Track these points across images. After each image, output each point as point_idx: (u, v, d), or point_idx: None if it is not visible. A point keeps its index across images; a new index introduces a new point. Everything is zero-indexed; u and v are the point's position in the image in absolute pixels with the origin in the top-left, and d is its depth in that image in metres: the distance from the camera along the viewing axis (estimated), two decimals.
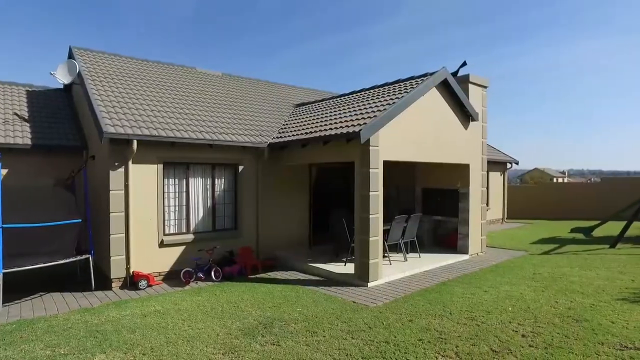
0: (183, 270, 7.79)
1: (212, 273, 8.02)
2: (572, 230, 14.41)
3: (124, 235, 7.49)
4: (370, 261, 7.34)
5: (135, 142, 7.37)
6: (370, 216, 7.35)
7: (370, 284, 7.35)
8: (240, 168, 9.21)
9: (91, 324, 5.49)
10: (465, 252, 9.94)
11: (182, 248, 8.32)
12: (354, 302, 6.41)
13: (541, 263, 9.15)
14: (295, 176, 10.22)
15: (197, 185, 8.73)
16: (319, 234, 10.71)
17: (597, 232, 13.72)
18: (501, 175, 18.36)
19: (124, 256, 7.50)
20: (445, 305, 6.09)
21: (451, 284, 7.42)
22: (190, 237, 8.46)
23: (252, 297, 6.76)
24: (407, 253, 9.46)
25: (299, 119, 10.68)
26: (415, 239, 9.61)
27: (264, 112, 11.34)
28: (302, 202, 10.41)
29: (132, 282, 7.51)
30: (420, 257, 9.44)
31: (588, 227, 14.12)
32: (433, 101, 8.80)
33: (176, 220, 8.44)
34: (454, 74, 9.45)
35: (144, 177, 7.80)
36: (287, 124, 10.58)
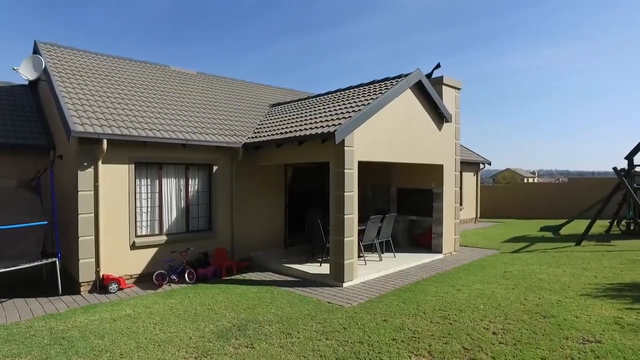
0: (156, 273, 7.62)
1: (186, 275, 7.87)
2: (541, 229, 14.90)
3: (93, 237, 7.26)
4: (345, 261, 7.37)
5: (105, 142, 7.15)
6: (345, 216, 7.37)
7: (345, 284, 7.37)
8: (215, 168, 9.08)
9: (56, 331, 5.28)
10: (439, 251, 10.11)
11: (154, 250, 8.13)
12: (329, 302, 6.41)
13: (512, 261, 9.40)
14: (271, 176, 10.16)
15: (170, 186, 8.56)
16: (294, 235, 10.68)
17: (564, 231, 14.24)
18: (474, 175, 18.80)
19: (94, 259, 7.27)
20: (419, 305, 6.17)
21: (425, 283, 7.53)
22: (163, 238, 8.28)
23: (226, 299, 6.67)
24: (382, 253, 9.56)
25: (275, 119, 10.61)
26: (390, 238, 9.70)
27: (239, 111, 11.22)
28: (278, 203, 10.36)
29: (102, 285, 7.29)
30: (395, 256, 9.54)
31: (556, 225, 14.63)
32: (407, 102, 8.90)
33: (148, 222, 8.24)
34: (428, 76, 9.60)
35: (114, 177, 7.58)
36: (262, 124, 10.50)
